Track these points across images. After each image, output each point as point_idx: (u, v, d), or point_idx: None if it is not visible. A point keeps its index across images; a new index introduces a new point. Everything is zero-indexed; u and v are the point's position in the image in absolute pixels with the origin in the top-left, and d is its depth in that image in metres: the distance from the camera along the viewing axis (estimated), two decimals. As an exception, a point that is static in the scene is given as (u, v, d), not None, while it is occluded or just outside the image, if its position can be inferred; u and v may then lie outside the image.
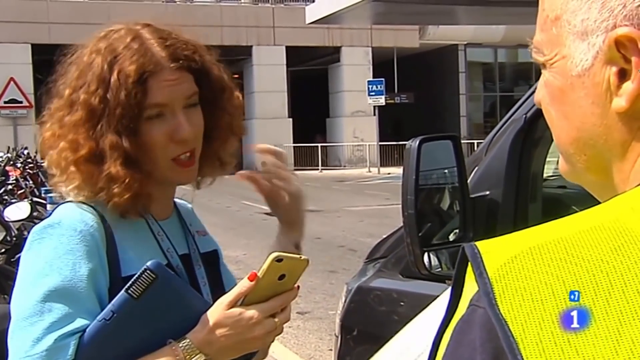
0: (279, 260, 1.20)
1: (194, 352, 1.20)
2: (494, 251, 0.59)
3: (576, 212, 0.70)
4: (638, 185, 0.63)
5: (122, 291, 1.18)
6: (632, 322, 0.53)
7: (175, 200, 1.49)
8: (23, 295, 1.22)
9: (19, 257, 1.29)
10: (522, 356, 0.53)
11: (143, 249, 1.32)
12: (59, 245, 1.22)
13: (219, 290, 1.44)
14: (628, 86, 0.64)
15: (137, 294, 1.16)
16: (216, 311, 1.23)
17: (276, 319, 1.25)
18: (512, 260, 0.58)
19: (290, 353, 5.66)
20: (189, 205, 1.57)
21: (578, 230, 0.59)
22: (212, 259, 1.49)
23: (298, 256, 1.25)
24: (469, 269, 0.59)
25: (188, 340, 1.21)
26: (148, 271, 1.17)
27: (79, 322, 1.18)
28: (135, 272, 1.21)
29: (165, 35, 1.33)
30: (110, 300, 1.22)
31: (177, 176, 1.36)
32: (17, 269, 1.26)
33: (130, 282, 1.17)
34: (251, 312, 1.23)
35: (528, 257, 0.58)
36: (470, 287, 0.59)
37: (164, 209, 1.42)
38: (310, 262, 1.28)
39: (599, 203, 0.68)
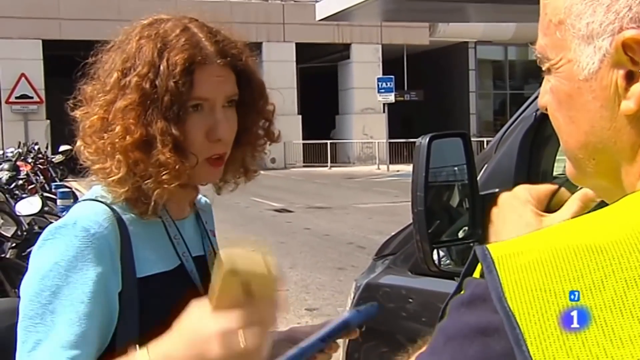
0: (233, 273, 0.91)
1: None
2: (504, 251, 0.60)
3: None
4: None
5: None
6: (632, 323, 0.53)
7: None
8: (28, 294, 1.20)
9: (30, 252, 1.29)
10: (528, 351, 0.54)
11: (159, 252, 1.31)
12: (70, 247, 1.20)
13: None
14: (636, 88, 0.64)
15: None
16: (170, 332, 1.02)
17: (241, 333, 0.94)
18: (519, 258, 0.58)
19: (298, 349, 5.67)
20: (208, 202, 1.54)
21: (586, 236, 0.59)
22: None
23: (263, 268, 0.93)
24: (479, 267, 0.61)
25: None
26: None
27: (79, 328, 1.15)
28: (150, 273, 1.21)
29: (214, 32, 1.32)
30: (121, 304, 1.21)
31: (204, 175, 1.33)
32: (27, 264, 1.26)
33: None
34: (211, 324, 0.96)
35: (535, 256, 0.58)
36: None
37: (182, 208, 1.40)
38: (318, 258, 1.22)
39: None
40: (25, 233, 5.78)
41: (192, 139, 1.27)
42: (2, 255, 5.22)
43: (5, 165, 10.36)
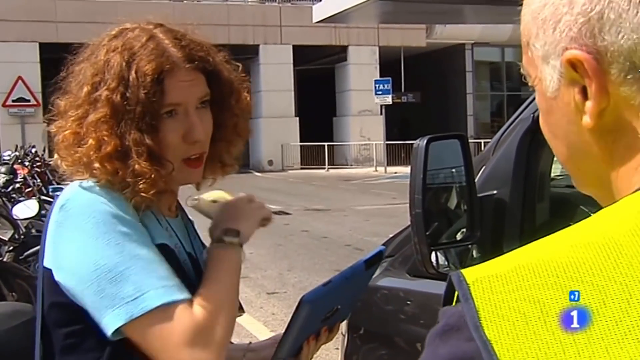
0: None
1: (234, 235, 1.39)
2: (479, 274, 0.60)
3: (584, 211, 0.71)
4: (625, 196, 0.64)
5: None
6: (633, 322, 0.53)
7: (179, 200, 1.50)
8: (90, 268, 1.21)
9: (27, 255, 1.29)
10: None
11: (156, 232, 1.34)
12: (98, 213, 1.24)
13: None
14: (588, 104, 0.65)
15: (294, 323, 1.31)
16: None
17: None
18: (496, 280, 0.59)
19: (296, 352, 5.66)
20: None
21: (570, 245, 0.59)
22: None
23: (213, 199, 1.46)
24: (456, 294, 0.61)
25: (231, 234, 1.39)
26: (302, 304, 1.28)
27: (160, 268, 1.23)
28: (161, 242, 1.29)
29: (179, 36, 1.35)
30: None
31: (185, 176, 1.37)
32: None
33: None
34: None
35: (514, 275, 0.58)
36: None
37: (169, 207, 1.43)
38: (316, 261, 1.29)
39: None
40: (22, 237, 5.76)
41: (168, 144, 1.31)
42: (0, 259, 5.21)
43: (2, 169, 10.33)
